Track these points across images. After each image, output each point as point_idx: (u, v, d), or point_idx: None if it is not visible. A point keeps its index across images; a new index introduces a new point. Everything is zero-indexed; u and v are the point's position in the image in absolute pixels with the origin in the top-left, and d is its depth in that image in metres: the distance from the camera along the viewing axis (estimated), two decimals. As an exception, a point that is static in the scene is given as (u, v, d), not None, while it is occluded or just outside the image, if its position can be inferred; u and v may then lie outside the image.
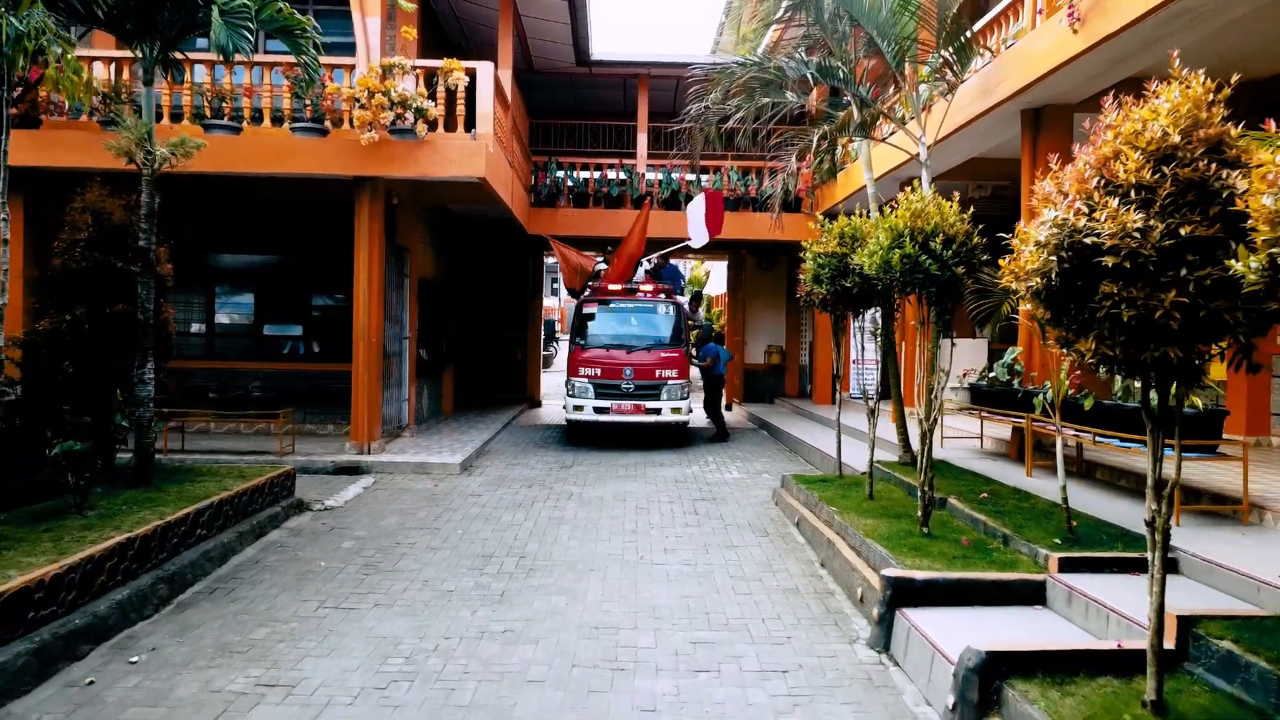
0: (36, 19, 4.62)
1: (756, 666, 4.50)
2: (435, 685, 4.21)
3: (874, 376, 13.08)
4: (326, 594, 5.53)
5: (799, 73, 8.21)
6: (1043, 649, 3.79)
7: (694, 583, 5.92)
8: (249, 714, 3.86)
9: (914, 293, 5.55)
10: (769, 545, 6.94)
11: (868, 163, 9.03)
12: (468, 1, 12.94)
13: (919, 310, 5.95)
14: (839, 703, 4.09)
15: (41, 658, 4.15)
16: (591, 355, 12.12)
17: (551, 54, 14.93)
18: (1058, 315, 3.28)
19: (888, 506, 6.70)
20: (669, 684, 4.27)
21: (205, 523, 6.08)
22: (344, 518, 7.60)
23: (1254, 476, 5.96)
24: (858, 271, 6.24)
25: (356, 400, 9.98)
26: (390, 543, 6.78)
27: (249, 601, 5.37)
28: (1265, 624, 3.72)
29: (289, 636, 4.79)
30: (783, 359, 18.24)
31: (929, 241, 5.45)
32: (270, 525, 7.00)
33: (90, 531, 5.17)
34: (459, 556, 6.45)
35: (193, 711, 3.87)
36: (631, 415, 11.83)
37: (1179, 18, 5.96)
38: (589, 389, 11.91)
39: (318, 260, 11.75)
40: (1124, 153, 3.00)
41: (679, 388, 12.04)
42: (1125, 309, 2.93)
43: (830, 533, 6.45)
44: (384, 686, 4.18)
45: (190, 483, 6.73)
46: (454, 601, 5.43)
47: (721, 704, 4.05)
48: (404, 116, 9.35)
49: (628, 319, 12.78)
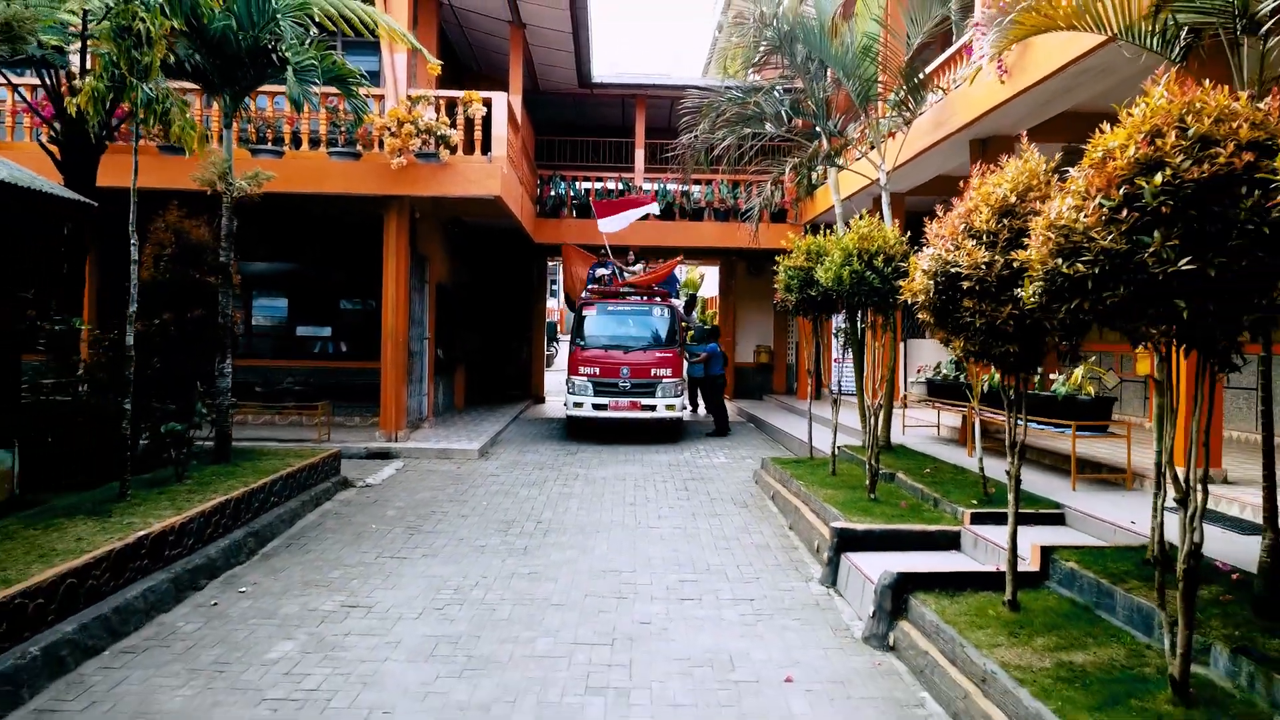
0: (161, 86, 5.85)
1: (730, 596, 5.75)
2: (479, 606, 5.44)
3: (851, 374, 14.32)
4: (381, 548, 6.77)
5: (775, 108, 9.46)
6: (939, 571, 5.05)
7: (682, 541, 7.16)
8: (343, 623, 5.10)
9: (861, 302, 6.80)
10: (747, 514, 8.20)
11: (835, 186, 10.30)
12: (479, 31, 14.17)
13: (868, 316, 7.20)
14: (791, 619, 5.34)
15: (177, 585, 5.39)
16: (590, 355, 12.81)
17: (556, 77, 16.19)
18: (940, 321, 4.53)
19: (846, 480, 7.95)
20: (661, 608, 5.51)
21: (277, 491, 7.31)
22: (383, 492, 8.85)
23: (1138, 452, 7.23)
24: (818, 283, 7.48)
25: (385, 393, 11.22)
26: (426, 511, 8.02)
27: (319, 553, 6.60)
28: (1103, 551, 4.97)
29: (358, 576, 6.03)
30: (771, 358, 19.50)
31: (873, 259, 6.71)
32: (324, 497, 8.24)
33: (194, 494, 6.41)
34: (486, 522, 7.69)
35: (299, 622, 5.11)
36: (628, 411, 12.58)
37: (1082, 74, 7.22)
38: (588, 387, 12.62)
39: (344, 268, 12.98)
40: (979, 207, 4.25)
41: (673, 386, 12.79)
42: (978, 319, 4.18)
43: (797, 501, 7.70)
44: (440, 607, 5.41)
45: (258, 460, 7.97)
46: (486, 553, 6.67)
47: (701, 620, 5.29)
48: (429, 142, 10.58)
49: (625, 321, 13.49)
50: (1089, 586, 4.57)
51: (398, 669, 4.45)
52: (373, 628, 5.02)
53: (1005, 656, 3.91)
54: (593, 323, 13.38)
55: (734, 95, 9.87)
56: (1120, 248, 2.97)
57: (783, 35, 9.14)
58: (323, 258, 13.11)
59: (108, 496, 6.15)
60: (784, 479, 8.62)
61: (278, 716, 3.90)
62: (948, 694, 4.05)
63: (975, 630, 4.25)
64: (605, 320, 13.46)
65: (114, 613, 4.74)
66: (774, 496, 8.64)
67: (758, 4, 9.13)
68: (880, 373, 7.03)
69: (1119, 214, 2.96)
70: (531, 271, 19.27)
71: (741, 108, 9.55)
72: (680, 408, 13.00)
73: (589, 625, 5.15)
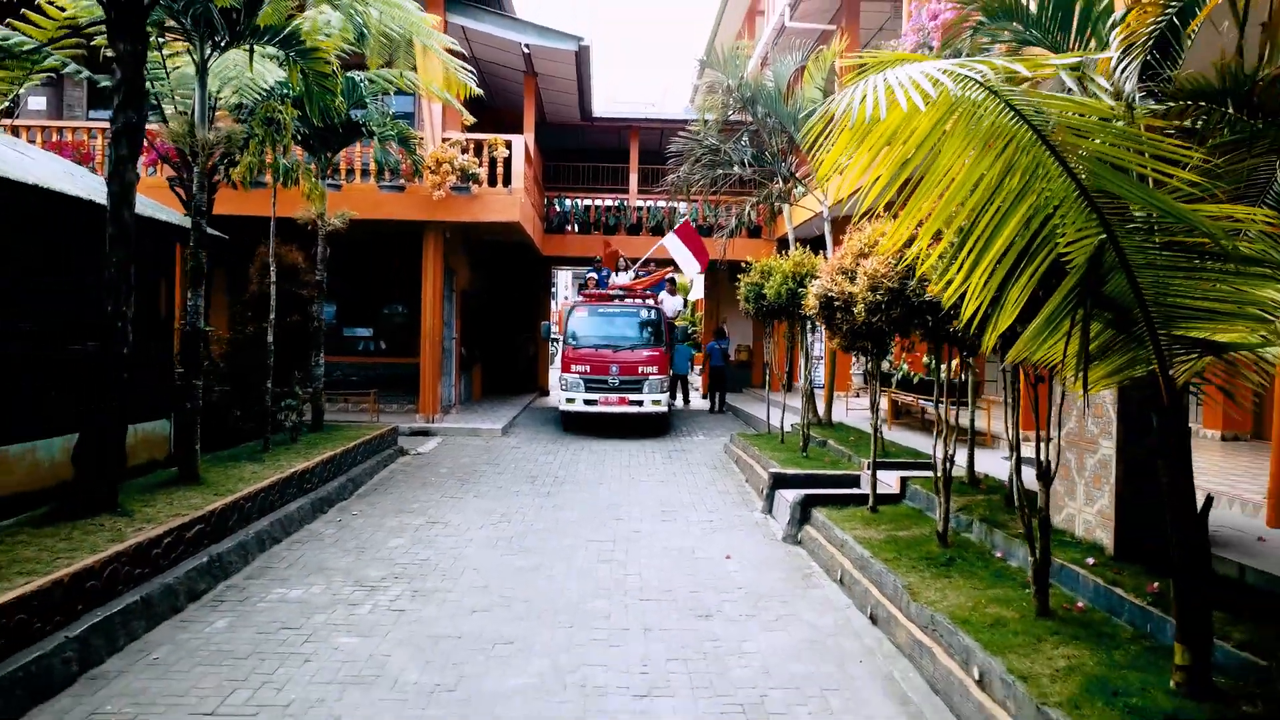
0: (294, 159, 8.25)
1: (696, 520, 8.19)
2: (521, 523, 7.88)
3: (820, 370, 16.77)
4: (442, 492, 9.20)
5: (741, 155, 11.91)
6: (832, 494, 7.51)
7: (665, 489, 9.61)
8: (430, 530, 7.53)
9: (794, 312, 9.26)
10: (716, 473, 10.66)
11: (789, 217, 12.76)
12: (498, 77, 16.61)
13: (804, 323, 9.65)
14: (736, 531, 7.78)
15: (314, 507, 7.82)
16: (582, 354, 13.66)
17: (561, 112, 18.65)
18: (827, 325, 6.99)
19: (789, 446, 10.42)
20: (647, 525, 7.94)
21: (360, 452, 9.75)
22: (432, 458, 11.28)
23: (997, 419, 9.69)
24: (765, 296, 9.94)
25: (424, 383, 13.65)
26: (469, 470, 10.46)
27: (399, 494, 9.03)
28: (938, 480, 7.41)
29: (432, 506, 8.46)
30: (750, 356, 21.97)
31: (804, 280, 9.16)
32: (389, 460, 10.67)
33: (309, 451, 8.83)
34: (516, 477, 10.12)
35: (401, 530, 7.53)
36: (617, 406, 13.47)
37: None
38: (579, 383, 13.50)
39: (383, 278, 15.39)
40: (849, 253, 6.71)
41: (659, 382, 13.65)
42: (845, 324, 6.64)
43: (752, 461, 10.16)
44: (494, 524, 7.84)
45: (341, 431, 10.39)
46: (520, 495, 9.11)
47: (674, 531, 7.73)
48: (461, 178, 13.01)
49: (614, 321, 14.30)
50: (923, 499, 7.03)
51: (473, 552, 6.88)
52: (451, 533, 7.46)
53: (857, 534, 6.36)
54: (584, 323, 14.22)
55: (709, 142, 12.33)
56: (895, 285, 5.43)
57: (745, 99, 11.61)
58: (365, 270, 15.51)
59: (254, 450, 8.59)
60: (745, 447, 11.08)
61: (408, 572, 6.32)
62: (824, 559, 6.51)
63: (844, 523, 6.71)
64: (596, 321, 14.28)
65: (283, 519, 7.17)
66: (737, 461, 11.10)
67: (726, 76, 11.59)
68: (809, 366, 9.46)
69: (893, 269, 5.42)
70: (537, 279, 21.71)
71: (714, 154, 12.01)
72: (666, 403, 14.04)
73: (597, 533, 7.59)
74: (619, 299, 14.82)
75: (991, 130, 2.90)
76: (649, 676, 4.46)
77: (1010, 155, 2.96)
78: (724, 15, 22.95)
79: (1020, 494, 4.85)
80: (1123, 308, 3.29)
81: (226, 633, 4.97)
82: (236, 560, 6.18)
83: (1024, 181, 3.01)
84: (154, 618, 5.01)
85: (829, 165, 3.18)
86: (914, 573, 5.29)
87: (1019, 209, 3.08)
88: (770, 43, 15.85)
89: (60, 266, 7.21)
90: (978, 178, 3.05)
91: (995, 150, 2.97)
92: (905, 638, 4.79)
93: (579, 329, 14.14)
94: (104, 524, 5.46)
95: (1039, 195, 3.04)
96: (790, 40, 14.95)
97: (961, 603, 4.67)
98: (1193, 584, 3.31)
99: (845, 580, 6.00)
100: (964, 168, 3.05)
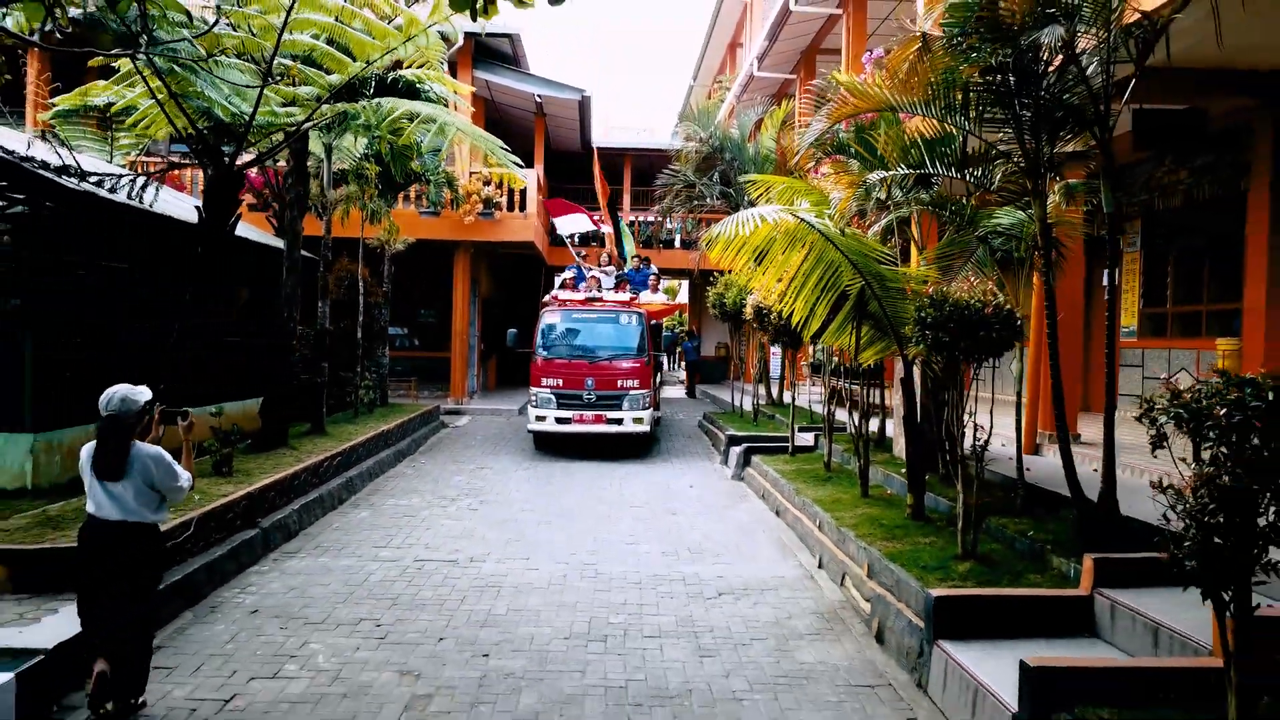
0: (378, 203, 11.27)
1: (673, 465, 11.25)
2: (543, 469, 10.92)
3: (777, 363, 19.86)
4: (482, 450, 12.24)
5: (711, 190, 14.98)
6: (767, 447, 10.60)
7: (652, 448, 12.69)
8: (480, 473, 10.55)
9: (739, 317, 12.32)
10: (692, 440, 13.73)
11: (752, 238, 15.84)
12: (511, 117, 19.65)
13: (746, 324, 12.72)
14: (701, 472, 10.84)
15: (396, 457, 10.86)
16: (554, 365, 11.84)
17: (564, 142, 21.70)
18: (760, 328, 10.06)
19: (745, 419, 13.49)
20: (636, 469, 10.99)
21: (417, 421, 12.78)
22: (467, 430, 14.33)
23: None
24: (727, 304, 12.97)
25: (455, 373, 16.69)
26: (499, 438, 13.50)
27: (450, 452, 12.06)
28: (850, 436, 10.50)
29: (476, 459, 11.49)
30: (728, 352, 25.04)
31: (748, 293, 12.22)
32: (436, 430, 13.71)
33: (382, 419, 11.86)
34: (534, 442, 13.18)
35: (457, 470, 10.55)
36: (593, 425, 11.59)
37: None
38: (551, 400, 11.64)
39: (417, 287, 18.40)
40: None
41: (641, 398, 11.67)
42: (774, 324, 9.70)
43: (717, 430, 13.23)
44: (524, 470, 10.87)
45: (398, 408, 13.42)
46: (540, 453, 12.15)
47: (654, 470, 10.78)
48: (486, 206, 16.03)
49: (591, 329, 12.35)
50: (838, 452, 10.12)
51: (513, 485, 9.91)
52: (495, 474, 10.50)
53: (776, 468, 9.41)
54: (556, 331, 12.32)
55: (686, 178, 15.38)
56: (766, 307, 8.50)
57: (715, 147, 14.68)
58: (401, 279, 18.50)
59: (349, 417, 11.62)
60: (713, 420, 14.16)
61: (472, 493, 9.34)
62: (756, 485, 9.59)
63: (770, 463, 9.77)
64: (570, 328, 12.37)
65: (379, 461, 10.20)
66: (706, 431, 14.18)
67: (700, 129, 14.67)
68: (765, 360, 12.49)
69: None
70: (541, 284, 24.73)
71: (690, 188, 15.07)
72: (650, 420, 11.97)
73: (599, 476, 10.63)
74: (595, 300, 12.68)
75: (795, 232, 5.97)
76: (634, 537, 7.52)
77: (809, 242, 6.02)
78: (709, 47, 26.09)
79: (860, 435, 7.91)
80: (876, 318, 6.37)
81: (371, 519, 8.00)
82: (358, 484, 9.22)
83: (817, 254, 6.07)
84: (325, 508, 8.05)
85: (715, 254, 6.21)
86: (803, 484, 8.35)
87: (818, 268, 6.15)
88: (741, 87, 18.89)
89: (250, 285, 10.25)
90: (796, 254, 6.12)
91: (800, 241, 6.04)
92: (790, 518, 7.86)
93: (551, 337, 12.24)
94: (284, 454, 8.48)
95: (826, 262, 6.11)
96: (759, 84, 18.04)
97: (823, 496, 7.72)
98: (915, 462, 6.38)
99: (765, 496, 9.08)
100: (785, 249, 6.12)
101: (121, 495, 3.86)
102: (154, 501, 3.97)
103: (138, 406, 3.96)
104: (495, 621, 5.33)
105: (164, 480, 3.94)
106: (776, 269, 6.31)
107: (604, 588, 6.04)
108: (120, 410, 3.90)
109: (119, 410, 3.90)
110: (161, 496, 4.00)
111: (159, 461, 3.94)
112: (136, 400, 3.96)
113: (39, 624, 4.39)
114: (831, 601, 5.86)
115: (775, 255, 6.15)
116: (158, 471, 3.92)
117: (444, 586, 5.99)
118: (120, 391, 3.94)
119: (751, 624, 5.36)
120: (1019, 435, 6.64)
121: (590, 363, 11.91)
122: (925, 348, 5.49)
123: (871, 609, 5.36)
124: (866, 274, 6.08)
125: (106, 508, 3.85)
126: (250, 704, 4.11)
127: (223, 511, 6.21)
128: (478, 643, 4.96)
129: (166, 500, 4.04)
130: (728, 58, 26.12)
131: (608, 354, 12.03)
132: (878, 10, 13.59)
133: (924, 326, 5.30)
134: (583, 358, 12.00)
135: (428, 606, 5.56)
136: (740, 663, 4.75)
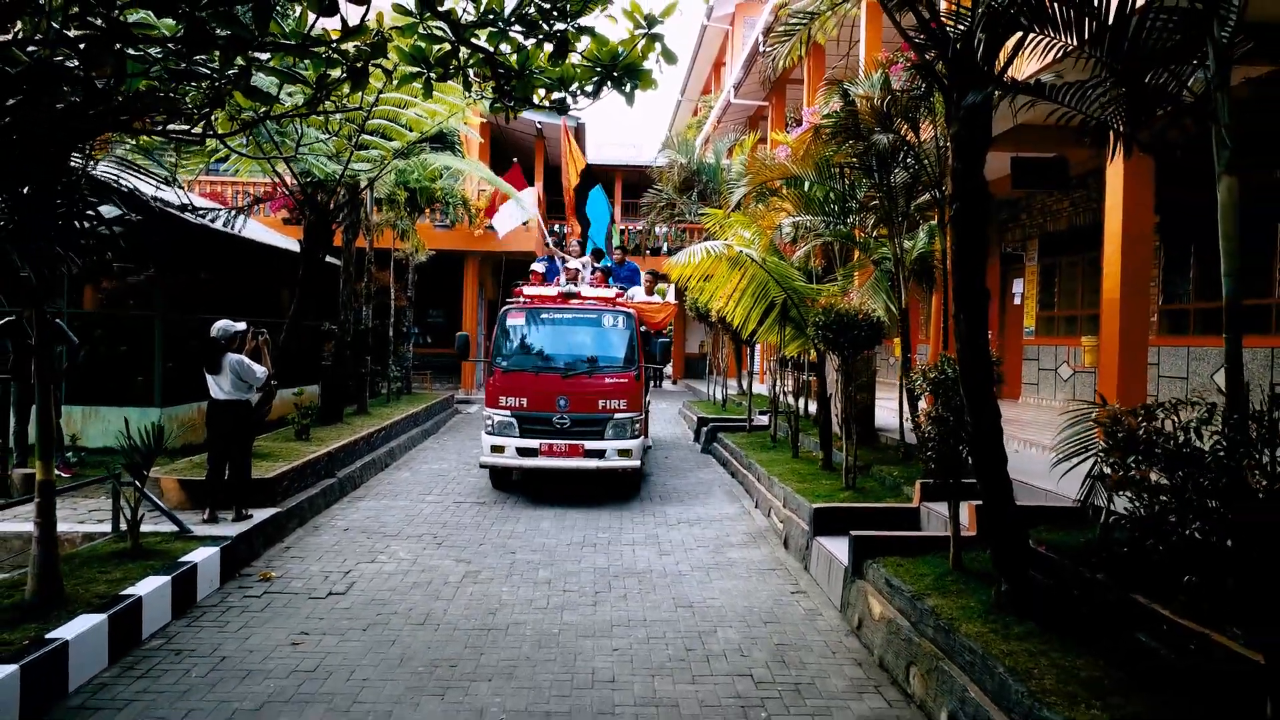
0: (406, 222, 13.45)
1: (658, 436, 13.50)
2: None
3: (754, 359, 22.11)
4: (492, 432, 14.46)
5: (691, 208, 17.22)
6: (731, 427, 12.85)
7: (634, 432, 14.93)
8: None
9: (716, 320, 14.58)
10: (673, 424, 15.98)
11: (726, 249, 18.11)
12: (513, 139, 21.86)
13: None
14: (675, 448, 13.09)
15: (423, 435, 13.08)
16: (517, 380, 9.38)
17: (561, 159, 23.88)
18: (725, 330, 12.31)
19: (716, 406, 15.75)
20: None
21: (437, 407, 15.00)
22: (477, 417, 16.54)
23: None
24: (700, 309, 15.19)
25: (465, 368, 18.89)
26: (505, 422, 15.72)
27: (466, 432, 14.26)
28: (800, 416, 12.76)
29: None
30: (709, 349, 27.31)
31: (722, 298, 14.48)
32: (451, 415, 15.93)
33: (409, 405, 14.06)
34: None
35: (474, 445, 12.72)
36: (566, 459, 9.24)
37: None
38: (512, 425, 9.34)
39: (427, 291, 20.59)
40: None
41: (628, 423, 9.35)
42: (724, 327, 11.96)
43: (693, 415, 15.48)
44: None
45: (420, 396, 15.63)
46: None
47: (638, 448, 13.04)
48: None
49: (565, 334, 9.79)
50: (782, 427, 12.37)
51: (523, 455, 12.14)
52: (507, 447, 12.73)
53: (735, 440, 11.65)
54: (519, 336, 9.75)
55: (668, 196, 17.61)
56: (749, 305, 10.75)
57: (693, 171, 16.92)
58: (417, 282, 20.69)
59: (383, 402, 13.84)
60: (690, 408, 16.41)
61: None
62: (719, 456, 11.84)
63: (730, 437, 12.01)
64: (537, 332, 9.77)
65: (412, 435, 12.42)
66: (685, 417, 16.44)
67: (680, 155, 16.92)
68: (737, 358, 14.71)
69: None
70: (540, 287, 26.90)
71: (671, 207, 17.29)
72: (638, 453, 9.49)
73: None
74: (572, 297, 9.93)
75: (735, 259, 8.20)
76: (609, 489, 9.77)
77: (745, 266, 8.26)
78: (694, 67, 28.32)
79: (793, 411, 10.15)
80: (796, 321, 8.62)
81: (412, 478, 10.21)
82: (398, 453, 11.44)
83: (750, 275, 8.31)
84: (377, 469, 10.27)
85: (675, 274, 8.42)
86: (751, 451, 10.58)
87: (751, 284, 8.39)
88: (720, 111, 21.13)
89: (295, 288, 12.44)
90: (735, 274, 8.36)
91: (738, 264, 8.27)
92: (741, 476, 10.10)
93: (513, 343, 9.69)
94: (341, 428, 10.68)
95: (758, 280, 8.35)
96: (735, 110, 20.29)
97: (764, 458, 9.93)
98: (825, 428, 8.63)
99: (724, 462, 11.33)
100: (728, 272, 8.36)
101: (222, 383, 6.67)
102: (244, 388, 6.77)
103: (230, 333, 6.77)
104: (517, 535, 7.57)
105: (246, 373, 6.71)
106: (722, 285, 8.56)
107: (592, 520, 8.29)
108: (219, 335, 6.72)
109: (219, 335, 6.72)
110: (248, 385, 6.76)
111: (240, 363, 6.71)
112: (228, 330, 6.78)
113: (219, 523, 6.61)
114: (759, 527, 8.11)
115: (719, 276, 8.39)
116: (240, 369, 6.68)
117: (478, 516, 8.23)
118: (221, 324, 6.77)
119: (700, 540, 7.60)
120: (901, 408, 8.89)
121: (564, 377, 9.31)
122: (821, 343, 7.74)
123: (784, 529, 7.60)
124: (787, 289, 8.33)
125: (216, 391, 6.70)
126: (362, 575, 6.33)
127: (314, 464, 8.43)
128: (507, 546, 7.20)
129: (253, 387, 6.84)
130: (712, 76, 28.34)
131: (587, 366, 9.42)
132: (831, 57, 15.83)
133: (819, 328, 7.56)
134: (554, 370, 9.40)
135: (467, 528, 7.79)
136: (687, 558, 6.98)
